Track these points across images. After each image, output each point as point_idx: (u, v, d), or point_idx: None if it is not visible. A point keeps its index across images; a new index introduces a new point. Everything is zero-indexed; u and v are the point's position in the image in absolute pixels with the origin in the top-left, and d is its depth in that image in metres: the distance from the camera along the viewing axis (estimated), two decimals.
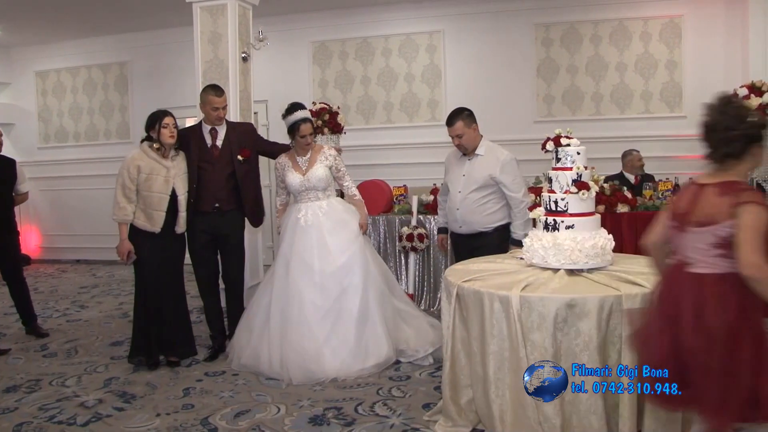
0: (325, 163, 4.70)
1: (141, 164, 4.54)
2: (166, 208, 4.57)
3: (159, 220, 4.56)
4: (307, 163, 4.71)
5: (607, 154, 7.04)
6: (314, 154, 4.74)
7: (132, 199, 4.56)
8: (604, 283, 3.06)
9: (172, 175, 4.59)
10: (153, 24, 8.79)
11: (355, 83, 8.62)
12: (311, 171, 4.66)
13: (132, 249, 4.63)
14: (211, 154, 4.83)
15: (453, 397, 3.39)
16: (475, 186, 4.40)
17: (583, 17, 7.93)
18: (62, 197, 9.96)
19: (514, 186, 4.36)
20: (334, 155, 4.79)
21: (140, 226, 4.57)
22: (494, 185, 4.38)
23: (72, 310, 6.71)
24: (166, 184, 4.57)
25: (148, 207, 4.56)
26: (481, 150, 4.44)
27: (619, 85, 7.88)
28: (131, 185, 4.54)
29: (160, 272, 4.63)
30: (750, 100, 5.56)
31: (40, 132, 10.12)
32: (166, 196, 4.57)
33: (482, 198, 4.40)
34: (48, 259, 10.09)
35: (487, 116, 8.09)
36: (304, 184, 4.65)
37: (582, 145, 3.48)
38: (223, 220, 4.83)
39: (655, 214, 5.49)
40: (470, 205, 4.42)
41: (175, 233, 4.69)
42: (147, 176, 4.53)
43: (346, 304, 4.44)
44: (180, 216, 4.66)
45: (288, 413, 3.78)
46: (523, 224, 4.33)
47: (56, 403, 4.06)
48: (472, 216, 4.43)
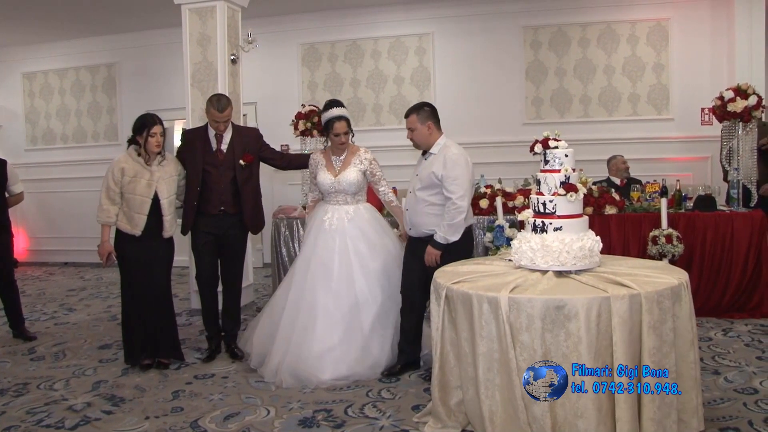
0: (359, 167, 4.57)
1: (125, 167, 4.54)
2: (148, 212, 4.56)
3: (140, 223, 4.55)
4: (341, 164, 4.60)
5: (595, 156, 7.09)
6: (349, 156, 4.60)
7: (116, 201, 4.56)
8: (592, 284, 3.07)
9: (155, 179, 4.58)
10: (141, 25, 8.76)
11: (344, 85, 8.63)
12: (343, 173, 4.55)
13: (112, 251, 4.63)
14: (215, 157, 4.80)
15: (442, 399, 3.40)
16: (420, 185, 4.24)
17: (571, 20, 7.99)
18: (50, 199, 9.90)
19: (451, 184, 4.08)
20: (370, 159, 4.61)
21: (122, 229, 4.58)
22: (440, 185, 4.14)
23: (60, 313, 6.67)
24: (148, 188, 4.55)
25: (131, 209, 4.55)
26: (435, 149, 4.25)
27: (606, 88, 7.94)
28: (115, 187, 4.53)
29: (144, 275, 4.61)
30: (736, 103, 5.61)
31: (28, 134, 10.07)
32: (148, 200, 4.55)
33: (428, 198, 4.21)
34: (35, 262, 10.02)
35: (476, 118, 8.21)
36: (334, 185, 4.55)
37: (570, 148, 3.50)
38: (229, 222, 4.82)
39: (643, 215, 5.61)
40: (416, 205, 4.27)
41: (161, 238, 4.66)
42: (131, 179, 4.52)
43: (357, 317, 4.37)
44: (164, 220, 4.63)
45: (278, 415, 3.78)
46: (447, 226, 4.09)
47: (44, 407, 4.04)
48: (417, 216, 4.27)
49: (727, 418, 3.49)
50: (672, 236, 5.38)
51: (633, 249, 5.56)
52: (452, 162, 4.12)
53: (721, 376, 4.14)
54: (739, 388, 3.92)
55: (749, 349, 4.72)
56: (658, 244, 5.39)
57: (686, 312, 3.08)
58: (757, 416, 3.50)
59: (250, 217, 4.89)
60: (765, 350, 4.66)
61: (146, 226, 4.56)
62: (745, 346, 4.79)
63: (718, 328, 5.24)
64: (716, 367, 4.32)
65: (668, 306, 2.98)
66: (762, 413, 3.54)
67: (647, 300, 2.91)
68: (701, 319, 5.16)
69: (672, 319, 2.99)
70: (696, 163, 7.50)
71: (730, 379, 4.10)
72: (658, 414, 2.90)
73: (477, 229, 5.93)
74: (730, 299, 5.57)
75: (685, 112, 7.62)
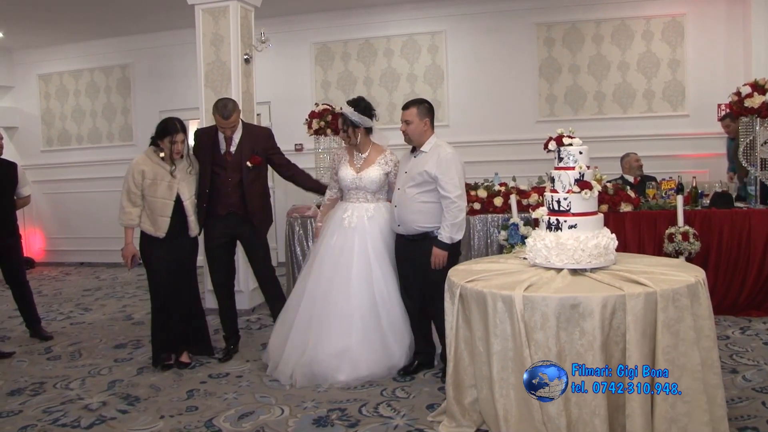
0: (384, 168, 4.51)
1: (145, 169, 4.54)
2: (171, 213, 4.56)
3: (163, 225, 4.55)
4: (363, 161, 4.55)
5: (609, 153, 7.04)
6: (373, 154, 4.55)
7: (137, 204, 4.56)
8: (608, 282, 3.04)
9: (176, 181, 4.58)
10: (155, 26, 8.80)
11: (357, 84, 8.62)
12: (366, 171, 4.49)
13: (136, 253, 4.64)
14: (224, 159, 4.79)
15: (457, 398, 3.39)
16: (412, 182, 4.20)
17: (584, 16, 7.94)
18: (66, 200, 9.98)
19: (448, 184, 4.08)
20: (395, 162, 4.55)
21: (146, 231, 4.58)
22: (432, 183, 4.13)
23: (76, 313, 6.72)
24: (169, 190, 4.56)
25: (153, 212, 4.55)
26: (426, 147, 4.22)
27: (621, 85, 7.88)
28: (136, 190, 4.54)
29: (171, 275, 4.62)
30: (753, 99, 5.54)
31: (44, 135, 10.14)
32: (170, 202, 4.55)
33: (419, 195, 4.17)
34: (52, 262, 10.10)
35: (489, 116, 8.19)
36: (355, 182, 4.50)
37: (584, 145, 3.47)
38: (238, 221, 4.82)
39: (658, 213, 5.56)
40: (406, 202, 4.21)
41: (187, 237, 4.68)
42: (151, 181, 4.53)
43: (376, 317, 4.32)
44: (189, 220, 4.64)
45: (292, 415, 3.78)
46: (450, 225, 4.09)
47: (60, 406, 4.07)
48: (407, 214, 4.22)
49: (746, 418, 3.45)
50: (688, 233, 5.33)
51: (648, 247, 5.51)
52: (447, 162, 4.12)
53: (739, 375, 4.10)
54: (757, 387, 3.88)
55: (767, 347, 4.66)
56: (674, 242, 5.34)
57: (705, 310, 3.04)
58: None
59: (258, 218, 4.87)
60: None
61: (170, 227, 4.56)
62: (764, 344, 4.73)
63: (735, 327, 5.18)
64: (734, 366, 4.27)
65: (686, 304, 2.93)
66: None
67: (663, 298, 2.87)
68: (718, 317, 5.09)
69: (692, 317, 2.95)
70: (712, 160, 7.42)
71: (748, 378, 4.05)
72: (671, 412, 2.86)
73: (491, 227, 5.92)
74: (747, 297, 5.51)
75: (701, 108, 7.54)
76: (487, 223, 5.93)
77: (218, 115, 4.67)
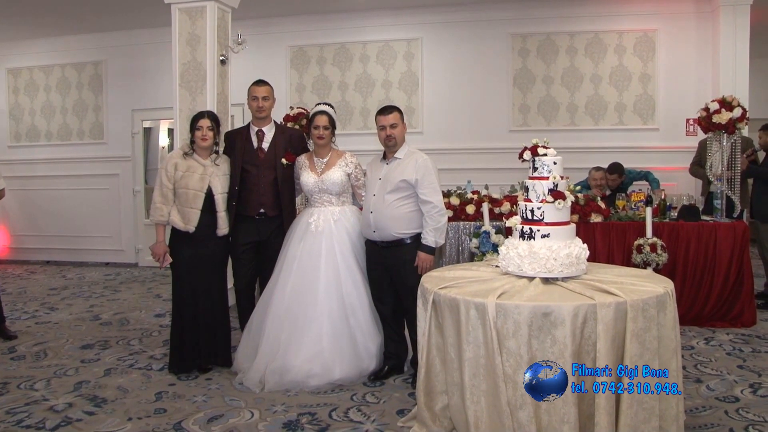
0: (344, 169, 4.53)
1: (178, 162, 4.48)
2: (202, 207, 4.45)
3: (194, 218, 4.44)
4: (324, 165, 4.56)
5: (581, 164, 7.15)
6: (334, 158, 4.57)
7: (169, 199, 4.46)
8: (579, 291, 3.09)
9: (209, 173, 4.49)
10: (129, 24, 8.73)
11: (332, 89, 8.63)
12: (327, 173, 4.50)
13: (168, 251, 4.52)
14: (256, 156, 4.70)
15: (427, 404, 3.40)
16: (390, 188, 4.21)
17: (559, 29, 8.06)
18: (32, 197, 9.78)
19: (428, 189, 4.16)
20: (356, 163, 4.60)
21: (175, 225, 4.46)
22: (410, 189, 4.19)
23: (41, 312, 6.60)
24: (201, 182, 4.46)
25: (183, 204, 4.45)
26: (400, 154, 4.28)
27: (593, 97, 8.01)
28: (168, 183, 4.46)
29: (197, 278, 4.49)
30: (721, 114, 5.67)
31: (11, 130, 9.97)
32: (201, 194, 4.45)
33: (397, 201, 4.20)
34: (16, 260, 9.91)
35: (463, 124, 8.26)
36: (318, 185, 4.50)
37: (559, 155, 3.52)
38: (268, 226, 4.70)
39: (628, 224, 5.65)
40: (384, 208, 4.21)
41: (216, 237, 4.55)
42: (183, 173, 4.45)
43: (345, 321, 4.33)
44: (219, 217, 4.52)
45: (262, 418, 3.76)
46: (434, 230, 4.17)
47: (24, 407, 3.99)
48: (385, 220, 4.22)
49: (709, 426, 3.52)
50: (656, 245, 5.43)
51: (617, 257, 5.60)
52: (424, 168, 4.19)
53: (702, 385, 4.18)
54: (720, 397, 3.97)
55: (730, 357, 4.77)
56: (642, 253, 5.43)
57: (670, 320, 3.11)
58: (738, 424, 3.54)
59: (290, 221, 4.71)
60: (746, 359, 4.71)
61: (200, 223, 4.44)
62: (727, 354, 4.84)
63: (700, 337, 5.29)
64: (698, 376, 4.36)
65: (653, 314, 3.00)
66: (743, 421, 3.58)
67: (633, 308, 2.92)
68: (684, 327, 5.21)
69: (656, 327, 3.01)
70: (680, 173, 7.57)
71: (711, 387, 4.14)
72: (634, 420, 2.91)
73: (463, 234, 5.96)
74: (712, 308, 5.62)
75: (671, 122, 7.71)
76: (459, 230, 5.97)
77: (254, 84, 4.73)
